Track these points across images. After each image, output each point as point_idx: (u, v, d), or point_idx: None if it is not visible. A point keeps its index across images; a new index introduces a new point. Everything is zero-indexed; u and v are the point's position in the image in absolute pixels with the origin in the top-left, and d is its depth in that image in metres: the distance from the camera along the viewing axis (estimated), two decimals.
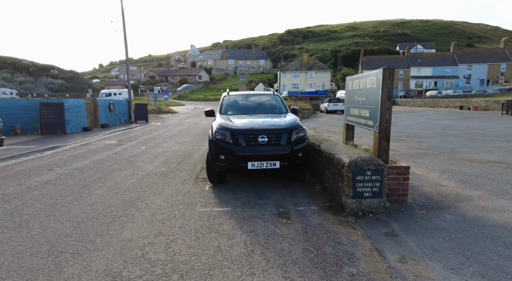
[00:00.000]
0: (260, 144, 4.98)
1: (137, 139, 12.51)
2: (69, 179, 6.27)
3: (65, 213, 4.37)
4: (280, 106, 6.67)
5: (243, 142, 4.98)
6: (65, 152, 9.76)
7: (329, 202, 4.60)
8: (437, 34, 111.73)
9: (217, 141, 5.15)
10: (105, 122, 18.33)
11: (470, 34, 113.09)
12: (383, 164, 4.13)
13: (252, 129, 5.10)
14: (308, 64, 68.16)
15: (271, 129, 5.14)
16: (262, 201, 4.78)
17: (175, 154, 9.03)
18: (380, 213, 4.12)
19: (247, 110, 6.50)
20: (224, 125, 5.30)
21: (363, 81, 5.18)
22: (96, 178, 6.32)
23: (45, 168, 7.39)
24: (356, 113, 5.51)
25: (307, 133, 5.50)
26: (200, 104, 49.00)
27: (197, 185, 5.73)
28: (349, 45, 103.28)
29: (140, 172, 6.83)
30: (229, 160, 5.00)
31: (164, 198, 5.01)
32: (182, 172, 6.84)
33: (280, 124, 5.34)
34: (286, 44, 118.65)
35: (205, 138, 12.44)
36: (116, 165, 7.65)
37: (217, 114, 6.29)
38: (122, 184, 5.89)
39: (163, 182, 5.97)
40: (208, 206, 4.60)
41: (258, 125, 5.29)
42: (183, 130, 15.92)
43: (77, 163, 7.89)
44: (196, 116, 26.42)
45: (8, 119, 13.43)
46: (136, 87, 68.32)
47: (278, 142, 5.03)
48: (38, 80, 69.01)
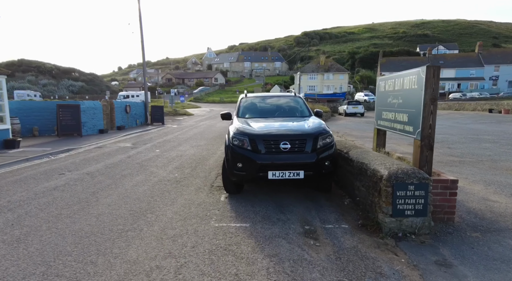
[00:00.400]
0: (282, 151, 4.46)
1: (152, 142, 12.25)
2: (78, 185, 5.95)
3: (69, 225, 3.99)
4: (302, 109, 6.12)
5: (263, 149, 4.48)
6: (79, 155, 9.56)
7: (362, 219, 4.02)
8: (460, 34, 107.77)
9: (234, 147, 4.67)
10: (121, 124, 18.29)
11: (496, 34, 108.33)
12: (428, 177, 3.52)
13: (273, 135, 4.59)
14: (325, 66, 67.08)
15: (295, 134, 4.61)
16: (285, 215, 4.25)
17: (189, 158, 8.64)
18: (424, 235, 3.51)
19: (266, 113, 6.00)
20: (242, 130, 4.82)
21: (399, 81, 4.57)
22: (106, 185, 5.97)
23: (56, 172, 7.14)
24: (390, 118, 4.90)
25: (334, 139, 4.93)
26: (216, 107, 48.94)
27: (212, 194, 5.26)
28: (367, 47, 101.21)
29: (152, 178, 6.44)
30: (248, 168, 4.51)
31: (176, 209, 4.57)
32: (197, 178, 6.40)
33: (304, 129, 4.80)
34: (302, 46, 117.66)
35: (220, 142, 12.04)
36: (128, 169, 7.32)
37: (234, 118, 5.82)
38: (132, 191, 5.50)
39: (176, 190, 5.55)
40: (224, 220, 4.11)
41: (279, 130, 4.78)
42: (198, 133, 15.61)
43: (89, 167, 7.61)
44: (211, 119, 26.18)
45: (26, 121, 13.50)
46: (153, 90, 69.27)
47: (302, 148, 4.49)
48: (60, 83, 71.09)
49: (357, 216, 4.19)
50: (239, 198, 5.05)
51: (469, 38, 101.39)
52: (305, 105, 6.20)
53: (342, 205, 4.66)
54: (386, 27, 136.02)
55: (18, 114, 13.09)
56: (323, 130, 4.79)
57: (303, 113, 5.97)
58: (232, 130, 4.96)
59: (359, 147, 5.37)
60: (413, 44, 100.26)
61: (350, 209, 4.47)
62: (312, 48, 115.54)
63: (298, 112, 6.03)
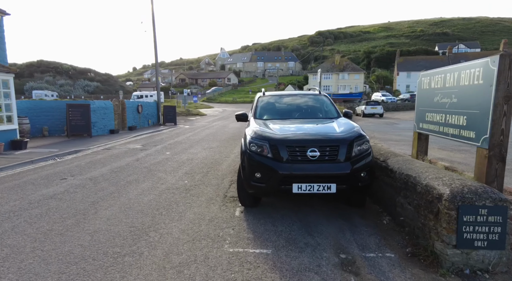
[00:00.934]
0: (310, 159, 3.73)
1: (163, 144, 11.70)
2: (78, 193, 5.38)
3: (58, 245, 3.38)
4: (329, 109, 5.36)
5: (287, 156, 3.76)
6: (85, 157, 9.08)
7: (410, 246, 3.24)
8: (481, 32, 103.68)
9: (252, 153, 3.96)
10: (132, 124, 17.91)
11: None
12: (507, 199, 2.71)
13: (299, 140, 3.86)
14: (340, 65, 65.64)
15: (325, 139, 3.87)
16: (313, 238, 3.51)
17: (201, 162, 8.00)
18: (501, 273, 2.71)
19: (288, 114, 5.27)
20: (260, 133, 4.11)
21: (453, 76, 3.76)
22: (108, 193, 5.38)
23: (58, 176, 6.63)
24: (437, 120, 4.09)
25: (370, 145, 4.16)
26: (228, 107, 48.48)
27: (226, 207, 4.58)
28: (383, 46, 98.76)
29: (159, 186, 5.82)
30: (268, 179, 3.80)
31: (184, 226, 3.90)
32: (208, 186, 5.74)
33: (335, 133, 4.05)
34: (316, 45, 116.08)
35: (233, 144, 11.37)
36: (134, 175, 6.73)
37: (250, 119, 5.12)
38: (136, 202, 4.88)
39: (185, 201, 4.89)
40: (240, 243, 3.41)
41: (306, 134, 4.04)
42: (210, 134, 15.01)
43: (93, 171, 7.07)
44: (224, 119, 25.61)
45: (36, 120, 13.22)
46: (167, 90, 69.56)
47: (334, 157, 3.75)
48: (76, 83, 72.35)
49: (403, 240, 3.41)
50: (256, 212, 4.35)
51: (491, 36, 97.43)
52: (332, 104, 5.43)
53: (380, 225, 3.88)
54: (403, 26, 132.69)
55: (28, 114, 12.81)
56: (359, 134, 4.02)
57: (330, 114, 5.21)
58: (249, 133, 4.26)
59: (399, 154, 4.57)
60: (431, 43, 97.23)
61: (392, 231, 3.69)
62: (326, 47, 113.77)
63: (324, 113, 5.27)
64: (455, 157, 8.19)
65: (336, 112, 5.23)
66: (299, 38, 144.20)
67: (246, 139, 4.22)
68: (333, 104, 5.44)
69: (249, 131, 4.37)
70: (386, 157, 4.46)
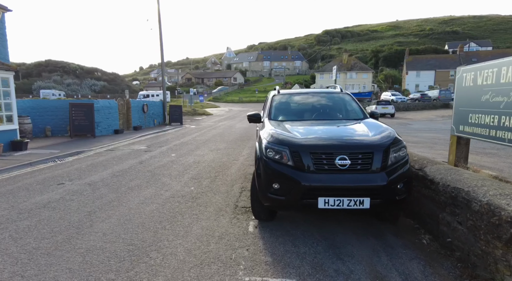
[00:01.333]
0: (339, 168, 3.16)
1: (168, 145, 11.22)
2: (74, 201, 4.89)
3: (42, 270, 2.87)
4: (353, 108, 4.77)
5: (311, 165, 3.19)
6: (87, 159, 8.63)
7: (468, 278, 2.65)
8: (493, 30, 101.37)
9: (269, 161, 3.41)
10: (138, 124, 17.51)
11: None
12: None
13: (326, 145, 3.29)
14: (348, 64, 64.71)
15: (357, 145, 3.29)
16: (344, 264, 2.94)
17: (208, 166, 7.48)
18: None
19: (307, 114, 4.69)
20: (279, 137, 3.55)
21: (508, 70, 3.16)
22: (107, 201, 4.88)
23: (55, 181, 6.16)
24: (488, 122, 3.49)
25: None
26: (235, 106, 48.05)
27: (237, 221, 4.03)
28: (391, 45, 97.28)
29: (163, 193, 5.30)
30: (288, 192, 3.24)
31: (190, 244, 3.37)
32: (217, 194, 5.20)
33: (367, 137, 3.47)
34: (323, 44, 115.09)
35: (241, 145, 10.84)
36: (137, 179, 6.23)
37: (265, 120, 4.56)
38: (137, 212, 4.37)
39: (191, 212, 4.36)
40: (257, 269, 2.86)
41: (333, 138, 3.46)
42: (217, 134, 14.51)
43: (94, 175, 6.60)
44: (230, 119, 25.12)
45: (39, 120, 12.85)
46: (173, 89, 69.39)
47: (367, 166, 3.17)
48: (83, 82, 72.60)
49: (455, 269, 2.82)
50: (273, 228, 3.79)
51: (503, 34, 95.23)
52: (357, 103, 4.83)
53: (420, 246, 3.29)
54: (411, 25, 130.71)
55: (30, 113, 12.43)
56: (395, 139, 3.44)
57: (355, 115, 4.62)
58: (264, 137, 3.71)
59: (437, 161, 3.98)
60: (441, 41, 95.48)
61: (437, 254, 3.10)
62: (333, 46, 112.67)
63: (348, 113, 4.69)
64: (483, 161, 7.52)
65: (362, 112, 4.64)
66: (305, 37, 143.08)
67: (261, 144, 3.66)
68: (357, 103, 4.84)
69: (264, 134, 3.82)
70: (422, 164, 3.87)
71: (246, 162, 8.00)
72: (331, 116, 4.64)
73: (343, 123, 4.16)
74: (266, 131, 3.85)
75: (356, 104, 4.82)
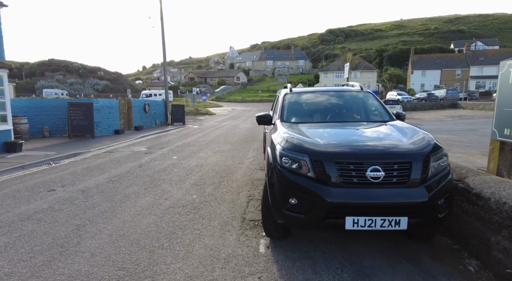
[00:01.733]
0: (370, 181, 2.62)
1: (170, 146, 10.73)
2: (63, 211, 4.39)
3: None
4: (377, 109, 4.22)
5: (337, 177, 2.66)
6: (84, 161, 8.15)
7: None
8: (500, 29, 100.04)
9: (284, 171, 2.88)
10: (139, 124, 17.04)
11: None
12: None
13: (355, 154, 2.75)
14: (352, 63, 63.75)
15: (392, 153, 2.75)
16: None
17: (211, 170, 6.96)
18: None
19: (325, 115, 4.14)
20: (296, 143, 3.01)
21: None
22: (99, 211, 4.38)
23: (46, 187, 5.67)
24: None
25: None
26: (238, 106, 47.58)
27: (246, 238, 3.51)
28: (395, 44, 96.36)
29: (162, 202, 4.79)
30: (308, 209, 2.71)
31: (191, 269, 2.85)
32: (221, 204, 4.68)
33: (402, 143, 2.92)
34: (327, 44, 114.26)
35: (246, 147, 10.32)
36: (134, 185, 5.73)
37: (276, 122, 4.02)
38: (132, 226, 3.86)
39: (193, 226, 3.84)
40: None
41: (363, 145, 2.91)
42: (221, 135, 14.00)
43: (88, 180, 6.11)
44: (234, 119, 24.62)
45: (37, 120, 12.41)
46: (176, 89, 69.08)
47: (404, 178, 2.64)
48: (86, 81, 72.49)
49: None
50: (287, 248, 3.26)
51: (510, 33, 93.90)
52: (381, 103, 4.28)
53: (468, 275, 2.74)
54: (416, 24, 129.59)
55: (27, 113, 12.01)
56: (434, 145, 2.89)
57: (380, 116, 4.07)
58: (278, 142, 3.18)
59: (478, 171, 3.43)
60: (446, 40, 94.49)
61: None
62: (337, 46, 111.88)
63: (372, 115, 4.15)
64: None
65: (387, 113, 4.09)
66: (309, 37, 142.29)
67: (274, 150, 3.13)
68: (380, 102, 4.29)
69: (277, 138, 3.29)
70: (460, 173, 3.32)
71: (252, 165, 7.48)
72: (352, 118, 4.10)
73: (369, 127, 3.61)
74: (280, 135, 3.32)
75: (379, 104, 4.27)
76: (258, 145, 10.85)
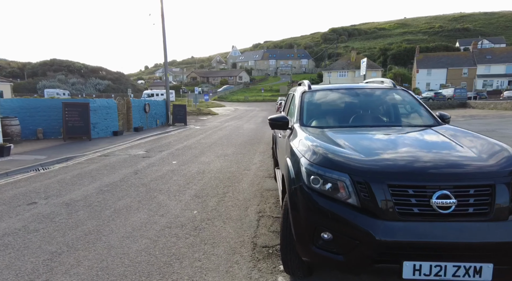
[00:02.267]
0: (438, 212, 1.88)
1: (170, 149, 10.02)
2: (39, 232, 3.69)
3: None
4: (416, 110, 3.45)
5: (391, 206, 1.92)
6: (76, 167, 7.46)
7: None
8: (506, 27, 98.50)
9: (314, 194, 2.14)
10: (139, 125, 16.37)
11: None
12: None
13: (415, 173, 1.99)
14: (357, 62, 63.10)
15: (465, 173, 2.00)
16: None
17: (214, 178, 6.25)
18: None
19: (355, 119, 3.38)
20: (330, 156, 2.24)
21: None
22: (82, 233, 3.67)
23: (26, 199, 4.98)
24: None
25: None
26: (240, 106, 46.89)
27: (259, 275, 2.78)
28: (399, 43, 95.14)
29: (158, 220, 4.07)
30: (349, 248, 1.98)
31: None
32: (227, 223, 3.96)
33: (474, 157, 2.16)
34: (330, 43, 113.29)
35: (251, 150, 9.60)
36: (127, 197, 5.02)
37: (295, 127, 3.26)
38: (118, 254, 3.14)
39: (192, 256, 3.12)
40: None
41: (422, 160, 2.14)
42: (224, 136, 13.29)
43: (77, 190, 5.41)
44: (237, 119, 23.91)
45: (30, 121, 11.76)
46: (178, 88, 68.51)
47: (485, 208, 1.90)
48: (88, 81, 72.02)
49: None
50: None
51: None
52: (421, 104, 3.52)
53: None
54: (420, 22, 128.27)
55: (20, 114, 11.37)
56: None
57: (423, 119, 3.30)
58: (303, 153, 2.43)
59: None
60: (451, 39, 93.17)
61: None
62: (340, 45, 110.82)
63: (413, 118, 3.39)
64: None
65: (431, 116, 3.32)
66: (311, 36, 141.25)
67: (298, 165, 2.39)
68: (420, 102, 3.53)
69: (301, 148, 2.55)
70: None
71: (259, 172, 6.76)
72: (388, 122, 3.35)
73: (416, 133, 2.84)
74: (304, 144, 2.58)
75: (419, 104, 3.50)
76: (264, 147, 10.13)
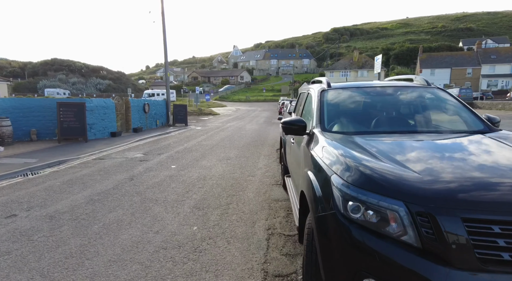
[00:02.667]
0: None
1: (169, 152, 9.49)
2: (11, 255, 3.15)
3: None
4: (460, 112, 2.89)
5: (469, 250, 1.37)
6: (67, 171, 6.93)
7: None
8: (509, 27, 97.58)
9: (353, 227, 1.59)
10: (138, 125, 15.84)
11: None
12: None
13: (498, 203, 1.45)
14: (359, 62, 62.53)
15: None
16: None
17: (216, 185, 5.70)
18: None
19: (387, 123, 2.81)
20: (377, 176, 1.67)
21: None
22: (62, 255, 3.13)
23: (6, 210, 4.44)
24: None
25: None
26: (242, 106, 46.37)
27: None
28: (402, 43, 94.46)
29: (151, 238, 3.53)
30: None
31: None
32: (231, 243, 3.41)
33: None
34: (332, 42, 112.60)
35: (255, 153, 9.05)
36: (119, 209, 4.48)
37: (315, 132, 2.69)
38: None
39: None
40: None
41: (502, 183, 1.60)
42: (226, 137, 12.75)
43: (64, 200, 4.87)
44: (239, 119, 23.37)
45: (24, 122, 11.24)
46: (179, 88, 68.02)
47: None
48: (89, 81, 71.62)
49: None
50: None
51: None
52: (464, 105, 2.95)
53: None
54: (423, 22, 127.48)
55: (12, 114, 10.85)
56: None
57: (469, 124, 2.74)
58: (334, 168, 1.88)
59: None
60: (454, 38, 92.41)
61: None
62: (342, 44, 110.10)
63: (458, 122, 2.83)
64: None
65: (479, 119, 2.76)
66: (313, 35, 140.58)
67: (329, 183, 1.83)
68: (462, 103, 2.97)
69: (327, 158, 2.01)
70: None
71: (265, 178, 6.21)
72: (430, 126, 2.79)
73: (479, 143, 2.25)
74: (332, 154, 2.02)
75: (463, 105, 2.95)
76: (269, 150, 9.58)
